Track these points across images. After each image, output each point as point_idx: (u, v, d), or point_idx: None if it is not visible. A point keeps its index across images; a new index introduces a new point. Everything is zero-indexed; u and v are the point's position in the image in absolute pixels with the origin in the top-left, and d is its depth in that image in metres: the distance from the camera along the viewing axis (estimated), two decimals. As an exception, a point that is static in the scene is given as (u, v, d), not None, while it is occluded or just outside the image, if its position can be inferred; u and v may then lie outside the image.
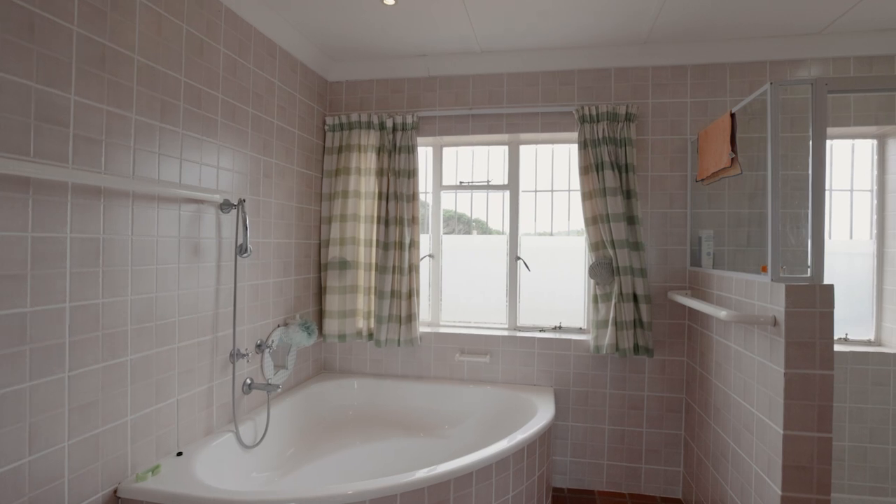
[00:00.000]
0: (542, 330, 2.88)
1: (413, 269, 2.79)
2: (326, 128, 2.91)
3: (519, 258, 2.93)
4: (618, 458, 2.66)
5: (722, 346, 2.13)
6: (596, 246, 2.59)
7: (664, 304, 2.61)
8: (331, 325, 2.82)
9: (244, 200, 2.06)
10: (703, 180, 2.35)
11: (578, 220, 2.92)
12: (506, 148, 2.98)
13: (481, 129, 2.81)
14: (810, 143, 1.64)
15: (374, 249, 2.87)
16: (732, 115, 2.00)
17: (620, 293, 2.52)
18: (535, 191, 2.97)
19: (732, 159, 2.00)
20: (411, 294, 2.78)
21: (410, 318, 2.78)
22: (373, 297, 2.86)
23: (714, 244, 2.45)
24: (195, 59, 1.88)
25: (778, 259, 1.68)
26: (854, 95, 2.42)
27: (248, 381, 2.26)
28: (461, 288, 3.05)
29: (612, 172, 2.53)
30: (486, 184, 3.00)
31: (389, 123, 2.82)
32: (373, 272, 2.87)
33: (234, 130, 2.13)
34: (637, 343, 2.53)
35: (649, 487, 2.63)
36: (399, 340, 2.79)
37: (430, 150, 3.08)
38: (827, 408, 1.58)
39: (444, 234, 3.08)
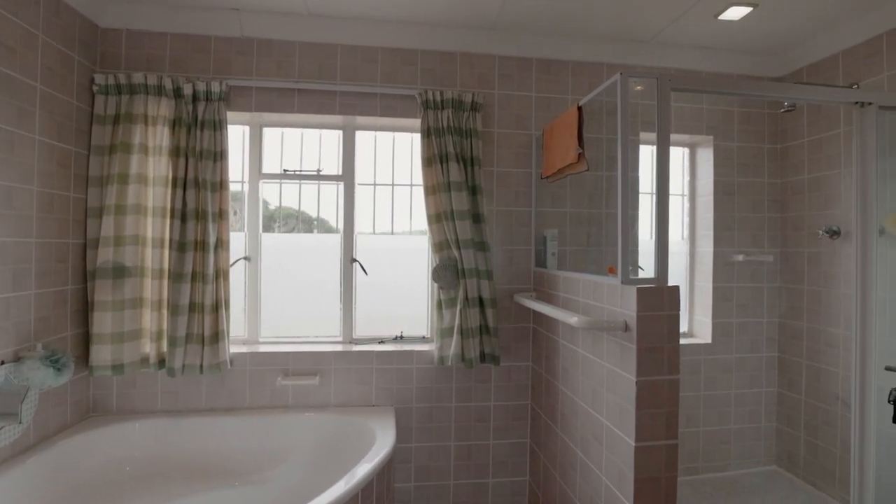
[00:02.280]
0: (381, 341, 2.54)
1: (221, 275, 2.22)
2: (96, 89, 2.16)
3: (355, 260, 2.55)
4: (464, 475, 2.45)
5: (569, 350, 2.03)
6: (440, 246, 2.34)
7: (510, 308, 2.48)
8: (101, 354, 2.10)
9: (-86, 177, 1.32)
10: (548, 177, 2.25)
11: (421, 218, 2.65)
12: (340, 133, 2.57)
13: (310, 108, 2.36)
14: (656, 141, 1.58)
15: (166, 251, 2.21)
16: (580, 109, 1.90)
17: (466, 298, 2.31)
18: (374, 184, 2.61)
19: (579, 155, 1.90)
20: (219, 306, 2.21)
21: (218, 336, 2.21)
22: (165, 312, 2.21)
23: (557, 244, 2.38)
24: None
25: (627, 260, 1.59)
26: (674, 106, 2.56)
27: (-65, 453, 1.49)
28: (286, 296, 2.56)
29: (457, 165, 2.30)
30: (316, 173, 2.55)
31: (189, 90, 2.20)
32: (164, 281, 2.21)
33: None
34: (484, 351, 2.35)
35: (496, 501, 2.48)
36: (202, 366, 2.19)
37: (245, 129, 2.51)
38: (674, 413, 1.52)
39: (264, 232, 2.55)
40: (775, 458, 2.65)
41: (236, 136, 2.50)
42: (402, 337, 2.58)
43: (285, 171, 2.53)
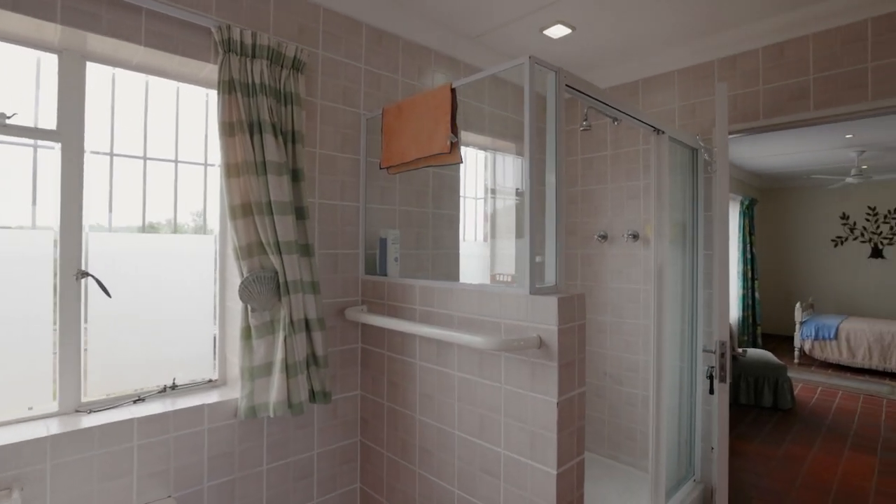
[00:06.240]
0: (139, 399, 1.64)
1: None
2: None
3: (87, 274, 1.56)
4: (279, 558, 1.82)
5: (433, 374, 1.72)
6: (250, 250, 1.66)
7: (334, 327, 1.98)
8: None
9: None
10: (390, 168, 1.88)
11: (193, 206, 1.86)
12: (54, 58, 1.52)
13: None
14: (554, 136, 1.47)
15: None
16: (453, 91, 1.63)
17: (291, 321, 1.70)
18: (112, 154, 1.67)
19: (453, 144, 1.63)
20: None
21: None
22: None
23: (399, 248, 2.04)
24: None
25: (535, 269, 1.43)
26: (486, 109, 2.57)
27: None
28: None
29: (274, 139, 1.67)
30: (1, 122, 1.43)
31: None
32: None
33: None
34: (313, 388, 1.79)
35: (318, 576, 1.94)
36: None
37: None
38: (582, 427, 1.44)
39: None
40: (553, 435, 3.02)
41: None
42: (174, 387, 1.72)
43: (-80, 107, 1.31)
